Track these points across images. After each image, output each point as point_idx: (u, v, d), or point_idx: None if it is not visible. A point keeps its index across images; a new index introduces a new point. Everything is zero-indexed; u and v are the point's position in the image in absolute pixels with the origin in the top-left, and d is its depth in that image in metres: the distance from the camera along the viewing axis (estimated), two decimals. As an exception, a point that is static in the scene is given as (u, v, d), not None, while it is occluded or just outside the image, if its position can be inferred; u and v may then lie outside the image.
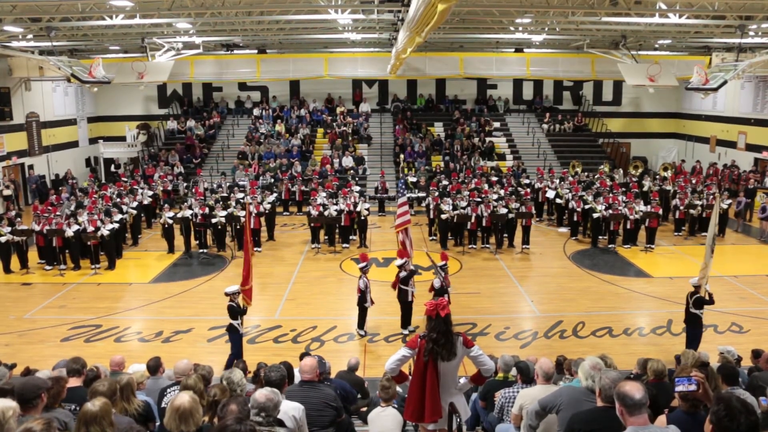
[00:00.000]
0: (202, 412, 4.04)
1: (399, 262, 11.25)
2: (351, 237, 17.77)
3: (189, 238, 16.80)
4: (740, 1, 14.10)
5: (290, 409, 4.51)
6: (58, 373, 5.63)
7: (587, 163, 24.57)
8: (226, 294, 9.59)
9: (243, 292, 9.78)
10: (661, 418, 3.77)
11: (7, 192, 21.33)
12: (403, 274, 11.06)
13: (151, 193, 20.28)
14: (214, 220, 16.53)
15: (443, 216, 16.91)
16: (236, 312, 9.53)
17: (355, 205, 17.34)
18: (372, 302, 11.12)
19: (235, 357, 9.22)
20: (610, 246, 17.10)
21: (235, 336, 9.60)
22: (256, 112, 28.31)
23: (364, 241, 17.58)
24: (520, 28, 18.95)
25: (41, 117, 24.26)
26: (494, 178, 21.68)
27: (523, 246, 16.96)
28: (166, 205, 17.32)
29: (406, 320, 11.25)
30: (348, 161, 24.70)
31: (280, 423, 4.00)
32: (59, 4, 14.00)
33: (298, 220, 20.63)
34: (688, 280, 10.19)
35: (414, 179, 22.66)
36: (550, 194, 19.92)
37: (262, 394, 3.95)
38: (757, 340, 10.34)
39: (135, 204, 18.19)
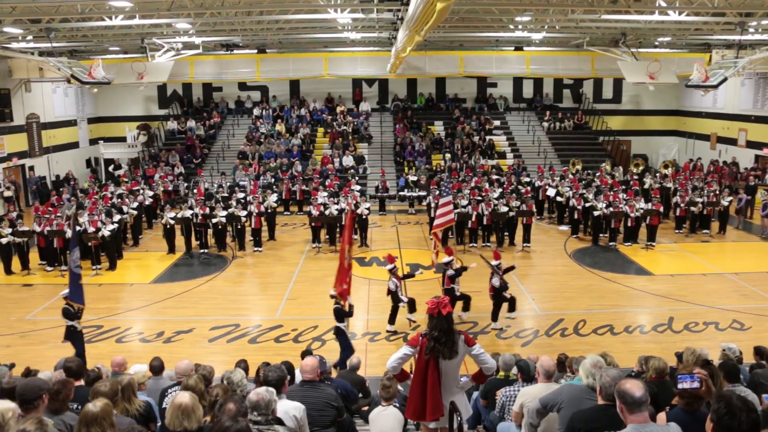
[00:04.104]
0: (203, 410, 4.04)
1: (446, 259, 11.38)
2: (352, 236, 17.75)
3: (190, 239, 16.80)
4: (740, -3, 14.09)
5: (291, 409, 4.51)
6: (59, 375, 5.64)
7: (588, 161, 24.53)
8: (331, 296, 9.67)
9: (339, 293, 9.76)
10: (661, 416, 3.76)
11: (7, 193, 21.33)
12: (450, 272, 11.20)
13: (151, 193, 20.29)
14: (214, 220, 16.53)
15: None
16: (342, 314, 9.53)
17: (356, 204, 17.34)
18: (404, 300, 11.17)
19: (346, 356, 9.24)
20: (610, 244, 17.08)
21: (343, 338, 9.53)
22: (256, 111, 28.30)
23: (365, 240, 17.57)
24: (520, 27, 18.95)
25: (41, 118, 24.27)
26: (495, 177, 21.66)
27: (524, 244, 16.95)
28: (167, 206, 17.30)
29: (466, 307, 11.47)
30: (348, 160, 24.70)
31: (280, 422, 4.00)
32: (59, 5, 14.01)
33: (299, 220, 20.63)
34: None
35: (414, 178, 22.67)
36: (551, 192, 19.90)
37: (255, 392, 3.97)
38: (759, 337, 10.34)
39: (136, 204, 18.20)
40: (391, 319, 11.25)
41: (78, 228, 15.06)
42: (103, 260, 15.57)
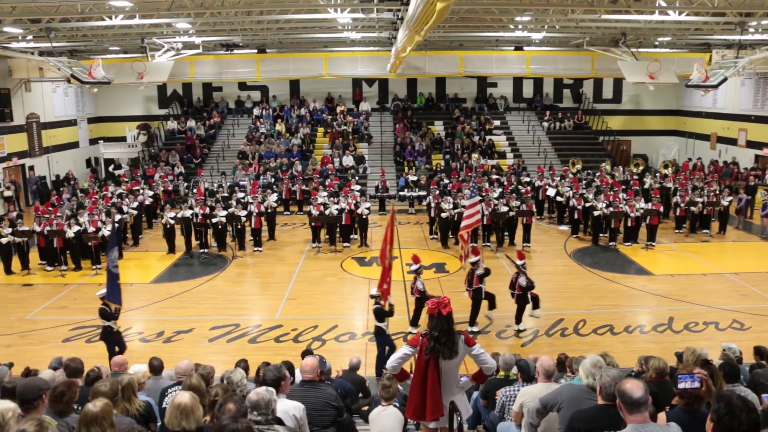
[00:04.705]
0: (203, 410, 4.04)
1: (473, 259, 11.44)
2: (352, 236, 17.76)
3: (190, 238, 16.80)
4: (740, -3, 14.09)
5: (291, 409, 4.51)
6: (60, 375, 5.64)
7: (588, 161, 24.53)
8: (372, 296, 9.70)
9: (382, 292, 9.79)
10: (661, 416, 3.77)
11: (7, 193, 21.34)
12: (479, 272, 11.23)
13: (151, 193, 20.29)
14: (214, 220, 16.53)
15: (443, 215, 16.91)
16: (383, 314, 9.56)
17: (356, 204, 17.34)
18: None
19: (381, 357, 9.30)
20: (610, 244, 17.08)
21: (382, 338, 9.54)
22: (256, 111, 28.30)
23: (365, 240, 17.57)
24: (520, 26, 18.95)
25: (41, 118, 24.26)
26: (495, 177, 21.66)
27: (524, 244, 16.95)
28: (167, 206, 17.30)
29: (473, 317, 11.41)
30: (348, 160, 24.69)
31: (279, 422, 4.00)
32: (59, 4, 14.01)
33: (299, 220, 20.63)
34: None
35: (414, 178, 22.67)
36: (551, 192, 19.90)
37: (255, 392, 3.97)
38: (759, 337, 10.33)
39: (136, 204, 18.20)
40: (414, 321, 11.24)
41: (78, 228, 15.10)
42: (103, 260, 15.53)
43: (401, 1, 13.70)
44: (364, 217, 17.41)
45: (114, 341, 9.70)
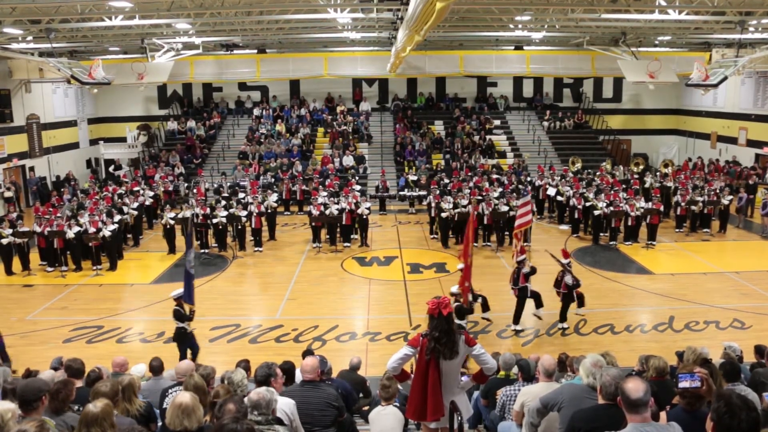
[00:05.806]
0: (203, 410, 4.05)
1: (519, 258, 11.47)
2: (352, 236, 17.76)
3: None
4: (740, -4, 14.08)
5: (282, 406, 4.53)
6: (61, 375, 5.65)
7: (588, 160, 24.53)
8: (452, 294, 9.80)
9: (463, 290, 9.89)
10: (662, 416, 3.76)
11: (8, 194, 21.34)
12: (525, 270, 11.28)
13: (152, 193, 20.29)
14: (215, 221, 16.53)
15: (444, 214, 16.91)
16: (464, 311, 9.64)
17: (357, 204, 17.34)
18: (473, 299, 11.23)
19: None
20: (611, 243, 17.08)
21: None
22: (256, 111, 28.30)
23: (365, 240, 17.57)
24: (520, 26, 18.95)
25: (41, 119, 24.27)
26: (495, 176, 21.66)
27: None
28: (167, 206, 17.31)
29: (518, 316, 11.42)
30: (348, 160, 24.69)
31: (280, 422, 4.00)
32: (59, 5, 14.02)
33: (299, 220, 20.63)
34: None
35: (414, 178, 22.67)
36: (551, 192, 19.90)
37: (255, 392, 3.98)
38: (759, 336, 10.33)
39: (136, 205, 18.21)
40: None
41: (79, 228, 15.10)
42: (104, 261, 15.56)
43: (401, 1, 13.69)
44: (365, 217, 17.40)
45: (187, 343, 9.65)
